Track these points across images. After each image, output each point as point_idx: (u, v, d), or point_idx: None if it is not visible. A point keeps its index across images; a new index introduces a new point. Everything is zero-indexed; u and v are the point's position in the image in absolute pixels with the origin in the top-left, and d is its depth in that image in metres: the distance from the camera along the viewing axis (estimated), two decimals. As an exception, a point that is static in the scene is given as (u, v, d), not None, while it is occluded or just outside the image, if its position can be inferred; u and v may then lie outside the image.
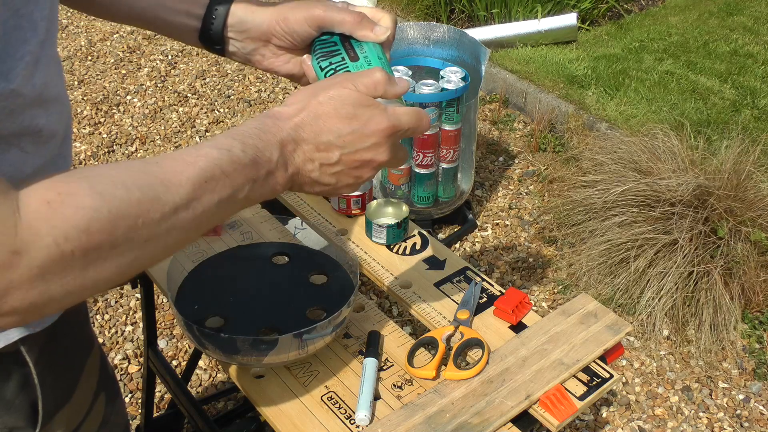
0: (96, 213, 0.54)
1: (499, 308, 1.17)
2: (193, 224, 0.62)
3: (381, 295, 2.31)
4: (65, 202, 0.53)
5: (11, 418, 0.79)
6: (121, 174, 0.58)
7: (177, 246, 0.63)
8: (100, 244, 0.55)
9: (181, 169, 0.61)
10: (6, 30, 0.62)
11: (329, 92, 0.71)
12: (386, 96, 0.73)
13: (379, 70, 0.73)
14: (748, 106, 3.12)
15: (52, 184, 0.54)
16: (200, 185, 0.61)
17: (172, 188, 0.59)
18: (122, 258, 0.57)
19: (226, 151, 0.63)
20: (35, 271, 0.52)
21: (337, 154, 0.71)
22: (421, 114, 0.75)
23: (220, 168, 0.62)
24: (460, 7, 3.85)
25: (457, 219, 2.62)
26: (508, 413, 1.01)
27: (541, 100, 3.15)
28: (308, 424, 1.00)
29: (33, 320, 0.56)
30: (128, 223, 0.56)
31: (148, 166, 0.60)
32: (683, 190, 2.18)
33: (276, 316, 1.05)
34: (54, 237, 0.52)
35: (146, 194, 0.58)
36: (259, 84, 3.46)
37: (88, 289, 0.57)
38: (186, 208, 0.60)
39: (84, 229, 0.54)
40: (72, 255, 0.53)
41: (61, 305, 0.56)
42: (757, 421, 1.98)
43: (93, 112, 3.20)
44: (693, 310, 2.17)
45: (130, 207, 0.56)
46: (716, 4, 4.06)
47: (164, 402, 1.96)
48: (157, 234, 0.59)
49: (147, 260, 0.61)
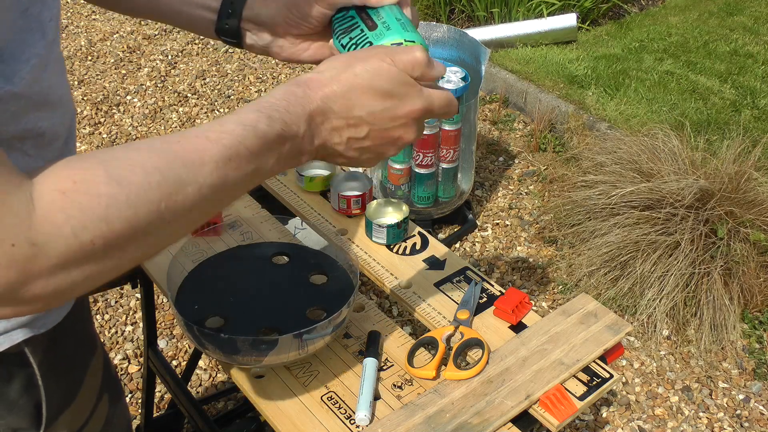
0: (114, 200, 0.53)
1: (499, 308, 1.17)
2: (216, 202, 0.61)
3: (381, 295, 2.31)
4: (80, 190, 0.52)
5: (15, 418, 0.79)
6: (140, 156, 0.56)
7: (198, 223, 0.62)
8: (120, 231, 0.54)
9: (203, 147, 0.58)
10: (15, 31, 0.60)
11: (366, 65, 0.67)
12: (423, 78, 0.70)
13: (419, 49, 0.69)
14: (748, 106, 3.12)
15: (67, 171, 0.53)
16: (224, 164, 0.59)
17: (195, 168, 0.57)
18: (145, 241, 0.56)
19: (251, 127, 0.61)
20: (54, 261, 0.51)
21: (366, 130, 0.68)
22: (451, 98, 0.73)
23: (244, 145, 0.60)
24: (460, 7, 3.85)
25: (457, 219, 2.62)
26: (508, 413, 1.01)
27: (541, 100, 3.15)
28: (308, 424, 1.00)
29: (57, 305, 0.55)
30: (149, 208, 0.55)
31: (169, 145, 0.58)
32: (685, 193, 2.18)
33: (276, 316, 1.05)
34: (72, 227, 0.51)
35: (167, 177, 0.56)
36: (259, 84, 3.46)
37: (111, 272, 0.56)
38: (210, 188, 0.58)
39: (102, 217, 0.52)
40: (92, 244, 0.52)
41: (85, 289, 0.56)
42: (757, 421, 1.98)
43: (93, 112, 3.20)
44: (693, 310, 2.17)
45: (150, 192, 0.55)
46: (716, 4, 4.06)
47: (164, 402, 1.96)
48: (182, 214, 0.58)
49: (171, 239, 0.60)
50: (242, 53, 3.70)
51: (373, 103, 0.67)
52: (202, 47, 3.74)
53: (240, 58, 3.66)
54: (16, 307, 0.53)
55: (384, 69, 0.67)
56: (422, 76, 0.69)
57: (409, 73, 0.68)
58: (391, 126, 0.69)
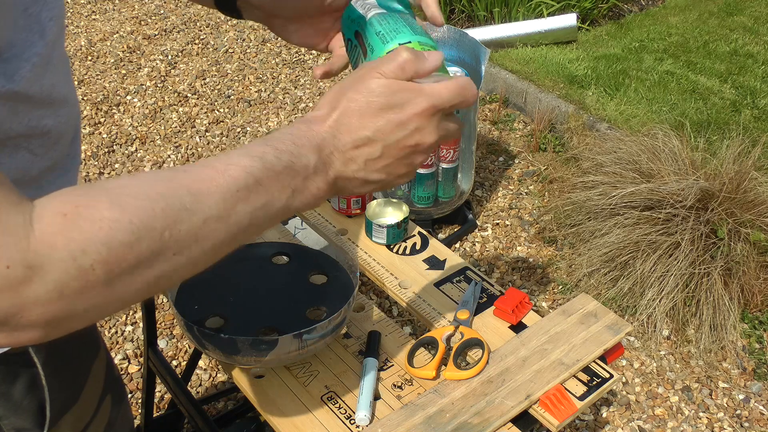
0: (116, 224, 0.51)
1: (499, 308, 1.17)
2: (226, 236, 0.58)
3: (381, 295, 2.31)
4: (82, 214, 0.50)
5: (19, 419, 0.79)
6: (143, 184, 0.54)
7: (211, 259, 0.58)
8: (122, 257, 0.51)
9: (210, 176, 0.57)
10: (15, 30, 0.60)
11: (356, 87, 0.66)
12: (419, 75, 0.67)
13: (404, 49, 0.67)
14: (748, 106, 3.12)
15: (68, 197, 0.51)
16: (231, 195, 0.57)
17: (201, 197, 0.55)
18: (149, 272, 0.53)
19: (258, 158, 0.59)
20: (51, 286, 0.49)
21: (379, 148, 0.65)
22: (464, 85, 0.67)
23: (252, 176, 0.58)
24: (460, 7, 3.85)
25: (457, 219, 2.62)
26: (508, 413, 1.01)
27: (541, 100, 3.15)
28: (308, 424, 1.00)
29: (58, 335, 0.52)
30: (153, 235, 0.52)
31: (174, 174, 0.56)
32: (685, 194, 2.18)
33: (276, 316, 1.05)
34: (70, 251, 0.49)
35: (171, 204, 0.54)
36: (259, 84, 3.46)
37: (114, 305, 0.53)
38: (217, 219, 0.56)
39: (104, 242, 0.50)
40: (92, 269, 0.50)
41: (86, 321, 0.53)
42: (757, 421, 1.98)
43: (93, 112, 3.20)
44: (693, 310, 2.17)
45: (154, 218, 0.52)
46: (716, 4, 4.06)
47: (164, 402, 1.96)
48: (187, 246, 0.55)
49: (178, 274, 0.56)
50: (242, 53, 3.70)
51: (376, 119, 0.65)
52: (202, 47, 3.74)
53: (240, 58, 3.66)
54: (10, 334, 0.50)
55: (374, 85, 0.65)
56: (416, 74, 0.67)
57: (400, 78, 0.66)
58: (402, 135, 0.66)
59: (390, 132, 0.65)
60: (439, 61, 0.68)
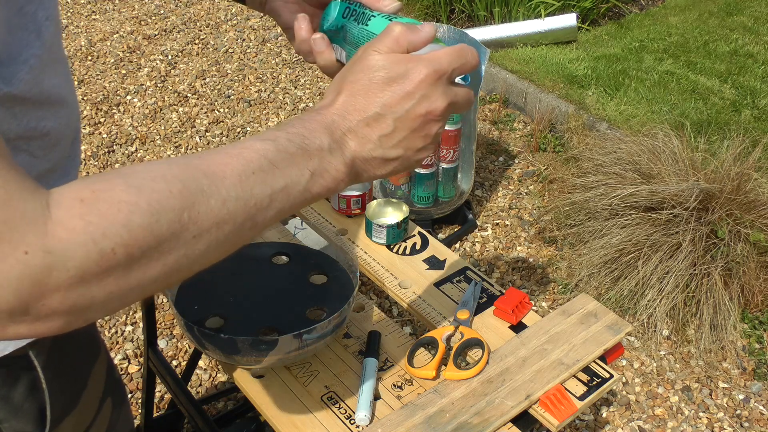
0: (135, 207, 0.50)
1: (499, 308, 1.17)
2: (245, 220, 0.57)
3: (381, 295, 2.31)
4: (100, 197, 0.49)
5: (19, 422, 0.79)
6: (159, 167, 0.54)
7: (233, 245, 0.58)
8: (142, 240, 0.50)
9: (224, 161, 0.56)
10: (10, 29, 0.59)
11: (356, 68, 0.66)
12: (414, 47, 0.67)
13: (395, 24, 0.67)
14: (748, 106, 3.12)
15: (85, 184, 0.51)
16: (247, 177, 0.57)
17: (217, 180, 0.55)
18: (169, 256, 0.53)
19: (270, 141, 0.59)
20: (73, 272, 0.48)
21: (391, 122, 0.65)
22: (463, 50, 0.67)
23: (266, 158, 0.58)
24: (460, 7, 3.85)
25: (457, 219, 2.62)
26: (508, 413, 1.01)
27: (541, 100, 3.15)
28: (308, 424, 1.00)
29: (77, 326, 0.51)
30: (171, 217, 0.52)
31: (189, 159, 0.56)
32: (686, 196, 2.18)
33: (276, 316, 1.05)
34: (90, 234, 0.48)
35: (188, 186, 0.53)
36: (259, 84, 3.46)
37: (134, 292, 0.53)
38: (236, 201, 0.56)
39: (123, 224, 0.49)
40: (113, 253, 0.49)
41: (106, 310, 0.52)
42: (757, 421, 1.98)
43: (93, 112, 3.20)
44: (693, 310, 2.17)
45: (172, 199, 0.52)
46: (716, 4, 4.06)
47: (164, 402, 1.96)
48: (207, 229, 0.54)
49: (198, 261, 0.55)
50: (242, 53, 3.70)
51: (382, 94, 0.65)
52: (202, 47, 3.74)
53: (240, 58, 3.67)
54: (31, 324, 0.49)
55: (372, 61, 0.66)
56: (412, 46, 0.67)
57: (397, 52, 0.66)
58: (410, 105, 0.65)
59: (397, 104, 0.65)
60: (432, 32, 0.68)
